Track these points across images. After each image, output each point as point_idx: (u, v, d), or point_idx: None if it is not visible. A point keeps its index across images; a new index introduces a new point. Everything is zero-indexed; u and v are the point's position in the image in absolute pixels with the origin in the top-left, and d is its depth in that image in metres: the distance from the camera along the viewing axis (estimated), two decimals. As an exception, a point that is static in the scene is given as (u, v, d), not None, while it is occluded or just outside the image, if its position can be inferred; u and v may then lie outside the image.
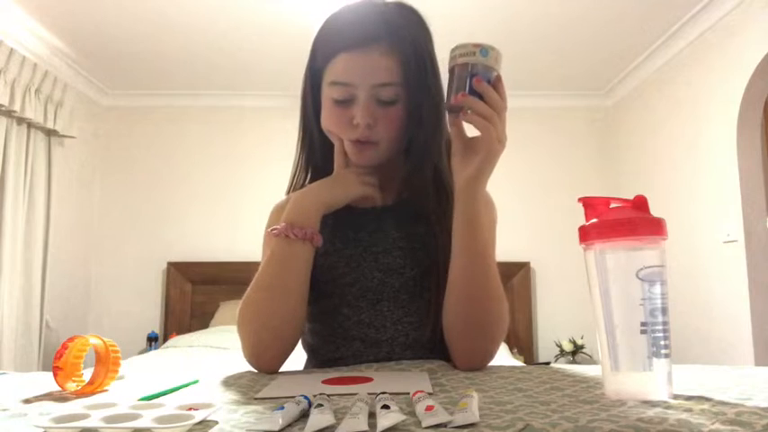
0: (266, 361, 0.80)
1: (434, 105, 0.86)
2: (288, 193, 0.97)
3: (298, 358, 0.90)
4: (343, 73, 0.82)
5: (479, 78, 0.73)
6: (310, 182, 0.95)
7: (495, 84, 0.75)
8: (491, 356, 0.80)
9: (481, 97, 0.74)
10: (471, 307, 0.79)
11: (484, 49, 0.74)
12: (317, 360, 0.92)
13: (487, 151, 0.75)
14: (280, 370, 0.82)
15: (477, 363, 0.78)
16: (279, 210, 0.96)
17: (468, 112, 0.74)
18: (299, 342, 0.89)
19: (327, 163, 0.91)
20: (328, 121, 0.87)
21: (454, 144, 0.79)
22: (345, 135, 0.86)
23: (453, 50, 0.75)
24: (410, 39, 0.83)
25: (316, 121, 0.90)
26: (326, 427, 0.43)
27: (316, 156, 0.94)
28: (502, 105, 0.75)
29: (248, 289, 0.83)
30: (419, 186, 0.89)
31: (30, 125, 3.19)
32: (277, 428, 0.44)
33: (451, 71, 0.76)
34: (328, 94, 0.85)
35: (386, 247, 0.89)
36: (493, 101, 0.74)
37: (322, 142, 0.92)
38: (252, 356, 0.81)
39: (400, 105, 0.84)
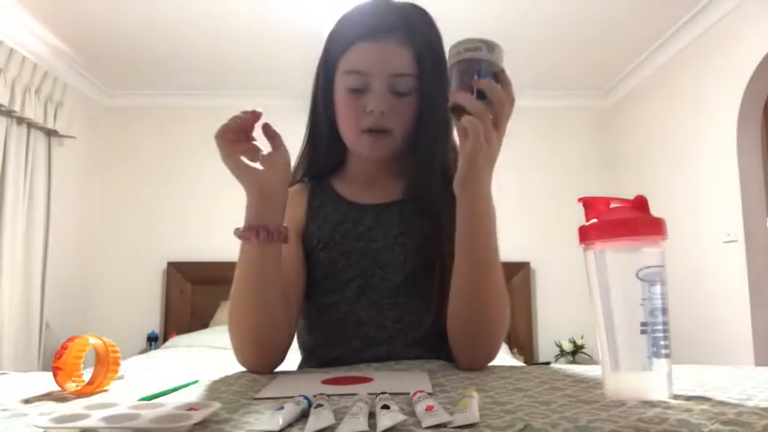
0: (255, 366, 0.79)
1: (445, 101, 0.86)
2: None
3: (294, 360, 0.90)
4: (359, 61, 0.83)
5: (478, 78, 0.69)
6: (305, 175, 0.96)
7: (500, 77, 0.70)
8: (493, 358, 0.80)
9: (483, 95, 0.69)
10: (476, 314, 0.78)
11: (489, 45, 0.70)
12: (315, 361, 0.91)
13: (468, 156, 0.71)
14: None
15: (480, 364, 0.78)
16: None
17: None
18: (295, 340, 0.89)
19: (330, 160, 0.92)
20: (341, 111, 0.86)
21: (460, 143, 0.75)
22: (357, 125, 0.85)
23: (456, 46, 0.70)
24: (424, 33, 0.85)
25: (325, 116, 0.90)
26: (326, 427, 0.43)
27: (319, 154, 0.94)
28: (505, 99, 0.70)
29: (230, 299, 0.80)
30: (426, 182, 0.88)
31: (30, 125, 3.19)
32: (277, 428, 0.43)
33: (452, 67, 0.71)
34: (343, 83, 0.85)
35: (387, 242, 0.88)
36: (496, 95, 0.69)
37: (329, 139, 0.92)
38: (241, 363, 0.81)
39: (413, 97, 0.84)
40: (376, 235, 0.89)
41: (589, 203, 0.57)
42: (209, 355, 2.94)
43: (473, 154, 0.70)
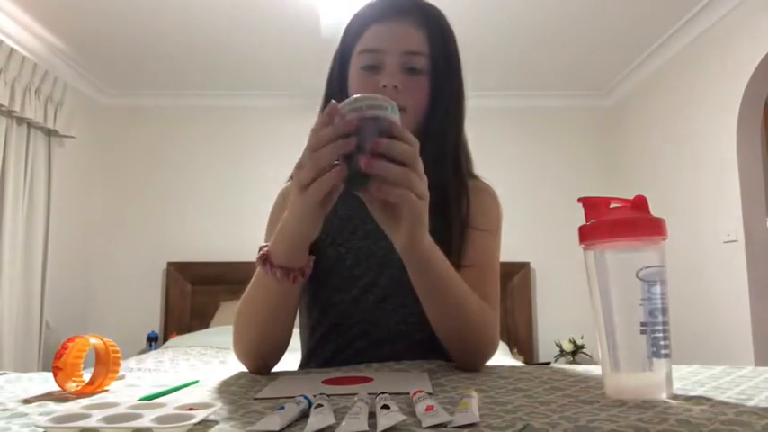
0: (255, 368, 0.81)
1: (458, 85, 0.89)
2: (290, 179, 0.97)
3: (292, 359, 0.90)
4: (373, 40, 0.85)
5: (379, 141, 0.60)
6: None
7: (397, 132, 0.62)
8: (484, 362, 0.81)
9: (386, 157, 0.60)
10: (452, 340, 0.79)
11: (394, 106, 0.62)
12: (316, 360, 0.91)
13: (411, 217, 0.65)
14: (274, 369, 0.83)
15: (476, 367, 0.78)
16: (285, 196, 0.95)
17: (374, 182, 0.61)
18: (296, 339, 0.89)
19: None
20: (354, 90, 0.87)
21: (374, 213, 0.68)
22: None
23: (354, 102, 0.60)
24: (438, 20, 0.88)
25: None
26: (326, 427, 0.43)
27: None
28: (414, 154, 0.62)
29: (240, 305, 0.81)
30: (438, 172, 0.84)
31: (30, 125, 3.19)
32: (277, 428, 0.44)
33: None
34: (357, 63, 0.86)
35: None
36: (404, 155, 0.61)
37: None
38: (242, 361, 0.83)
39: (426, 77, 0.86)
40: (384, 233, 0.88)
41: (589, 203, 0.57)
42: (210, 355, 2.94)
43: (417, 217, 0.65)
